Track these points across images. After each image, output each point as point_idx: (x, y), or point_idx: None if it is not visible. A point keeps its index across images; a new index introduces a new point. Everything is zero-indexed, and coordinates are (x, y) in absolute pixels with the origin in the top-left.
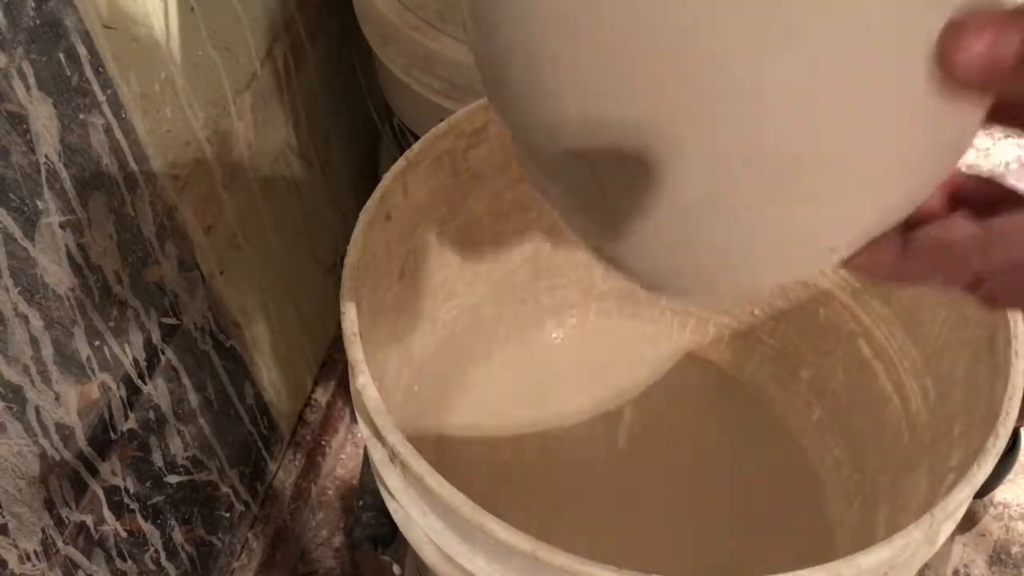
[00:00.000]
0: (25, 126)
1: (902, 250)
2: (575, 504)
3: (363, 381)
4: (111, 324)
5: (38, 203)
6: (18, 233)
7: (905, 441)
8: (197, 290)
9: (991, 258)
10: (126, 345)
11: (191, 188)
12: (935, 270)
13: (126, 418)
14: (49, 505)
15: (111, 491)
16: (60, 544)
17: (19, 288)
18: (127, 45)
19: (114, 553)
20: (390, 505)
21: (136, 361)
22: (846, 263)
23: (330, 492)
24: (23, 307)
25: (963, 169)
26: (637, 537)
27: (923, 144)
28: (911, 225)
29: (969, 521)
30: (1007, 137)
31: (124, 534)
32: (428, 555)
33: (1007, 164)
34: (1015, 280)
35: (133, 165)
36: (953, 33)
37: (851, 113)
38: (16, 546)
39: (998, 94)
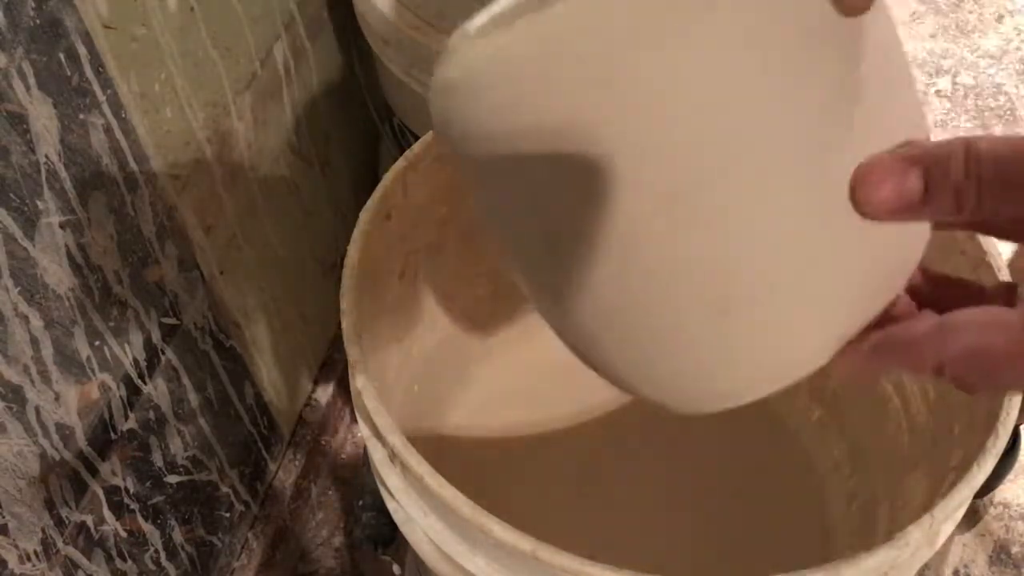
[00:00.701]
0: (25, 126)
1: (870, 349)
2: (575, 504)
3: (363, 381)
4: (111, 324)
5: (38, 203)
6: (18, 233)
7: (905, 441)
8: (197, 290)
9: (947, 348)
10: (126, 345)
11: (191, 188)
12: (900, 364)
13: (126, 418)
14: (49, 505)
15: (111, 491)
16: (60, 544)
17: (19, 288)
18: (127, 45)
19: (114, 553)
20: (390, 505)
21: (136, 361)
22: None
23: (330, 492)
24: (23, 307)
25: (923, 274)
26: (637, 537)
27: (872, 256)
28: (880, 324)
29: (969, 521)
30: None
31: (124, 534)
32: (428, 555)
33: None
34: (973, 365)
35: (133, 165)
36: (861, 182)
37: (794, 251)
38: (16, 546)
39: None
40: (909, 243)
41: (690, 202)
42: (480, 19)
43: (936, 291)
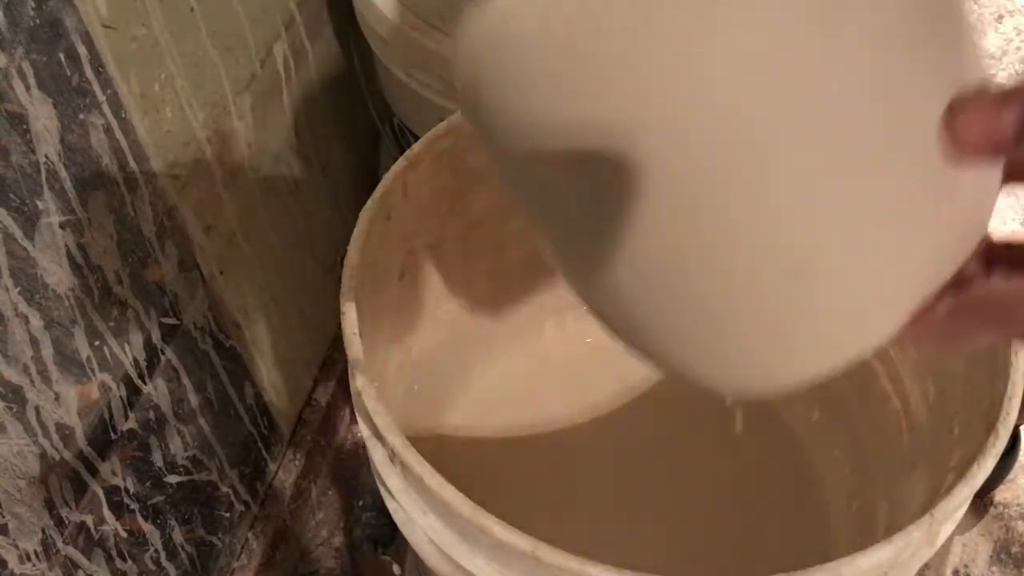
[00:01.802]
0: (25, 126)
1: (947, 313)
2: (575, 504)
3: (363, 381)
4: (111, 324)
5: (38, 203)
6: (18, 233)
7: (905, 441)
8: (197, 290)
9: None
10: (126, 345)
11: (191, 188)
12: (984, 326)
13: (126, 418)
14: (49, 505)
15: (111, 491)
16: (60, 544)
17: (19, 288)
18: (127, 45)
19: (114, 553)
20: (390, 505)
21: (136, 361)
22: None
23: (330, 492)
24: (23, 307)
25: (995, 236)
26: (637, 537)
27: (948, 210)
28: (949, 291)
29: (969, 521)
30: None
31: (124, 534)
32: (428, 555)
33: None
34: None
35: (133, 165)
36: (954, 114)
37: (879, 197)
38: (16, 546)
39: (1006, 162)
40: (983, 199)
41: (756, 159)
42: None
43: (1003, 253)
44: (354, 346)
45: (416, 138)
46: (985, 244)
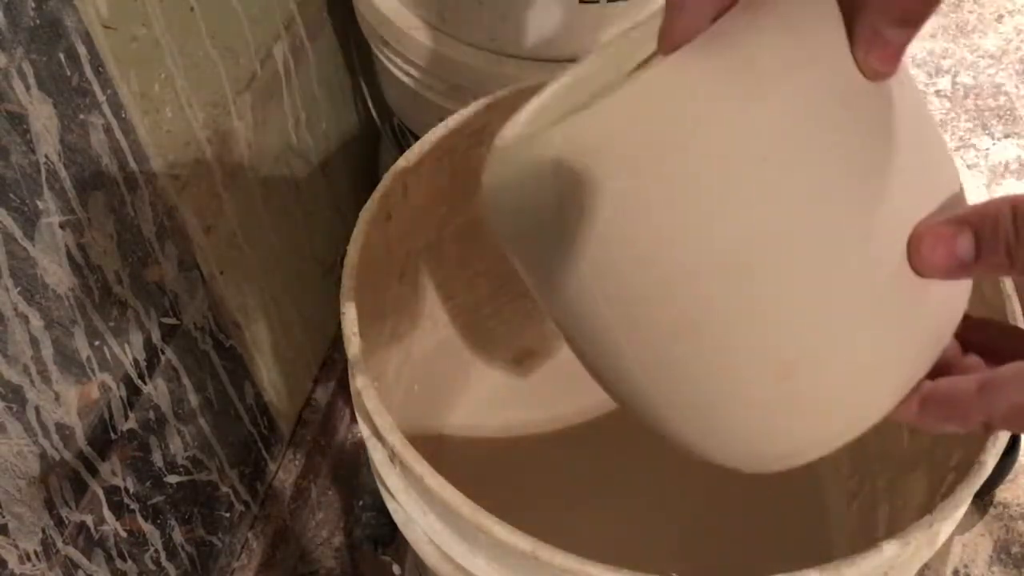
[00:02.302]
0: (25, 126)
1: (918, 410)
2: (575, 504)
3: (363, 381)
4: (111, 324)
5: (38, 203)
6: (18, 233)
7: (905, 441)
8: (197, 290)
9: (992, 407)
10: (126, 345)
11: (191, 188)
12: (947, 422)
13: (126, 418)
14: (49, 505)
15: (111, 491)
16: (60, 544)
17: (19, 288)
18: (127, 45)
19: (114, 553)
20: (390, 505)
21: (136, 361)
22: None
23: (330, 492)
24: (23, 307)
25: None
26: (636, 537)
27: (921, 314)
28: (933, 373)
29: (969, 521)
30: (1007, 137)
31: (124, 534)
32: (428, 555)
33: (1007, 164)
34: (1019, 420)
35: (133, 165)
36: (916, 246)
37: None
38: (16, 546)
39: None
40: (955, 297)
41: (746, 277)
42: (525, 120)
43: (976, 335)
44: (354, 346)
45: (416, 138)
46: (963, 324)
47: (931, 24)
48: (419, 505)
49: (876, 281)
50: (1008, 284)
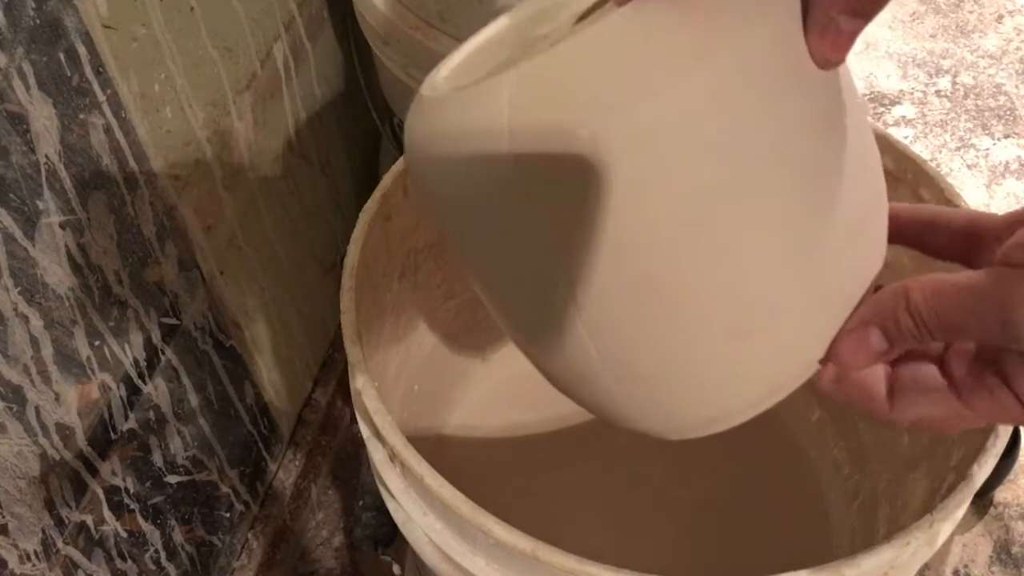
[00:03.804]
0: (25, 126)
1: (832, 385)
2: (575, 504)
3: (363, 381)
4: (111, 324)
5: (38, 203)
6: (18, 233)
7: (905, 441)
8: (197, 290)
9: (897, 415)
10: (126, 345)
11: (191, 188)
12: (860, 408)
13: (126, 418)
14: (49, 505)
15: (111, 491)
16: (60, 544)
17: (19, 288)
18: (127, 45)
19: (114, 553)
20: (390, 505)
21: (136, 361)
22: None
23: (330, 492)
24: (23, 307)
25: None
26: (636, 537)
27: (850, 273)
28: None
29: (969, 521)
30: (1007, 137)
31: (124, 534)
32: (428, 555)
33: (1007, 164)
34: (922, 428)
35: (133, 165)
36: (837, 358)
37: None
38: (16, 546)
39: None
40: (876, 253)
41: (704, 229)
42: (450, 67)
43: (911, 232)
44: (354, 346)
45: None
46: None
47: (931, 24)
48: (419, 505)
49: (820, 239)
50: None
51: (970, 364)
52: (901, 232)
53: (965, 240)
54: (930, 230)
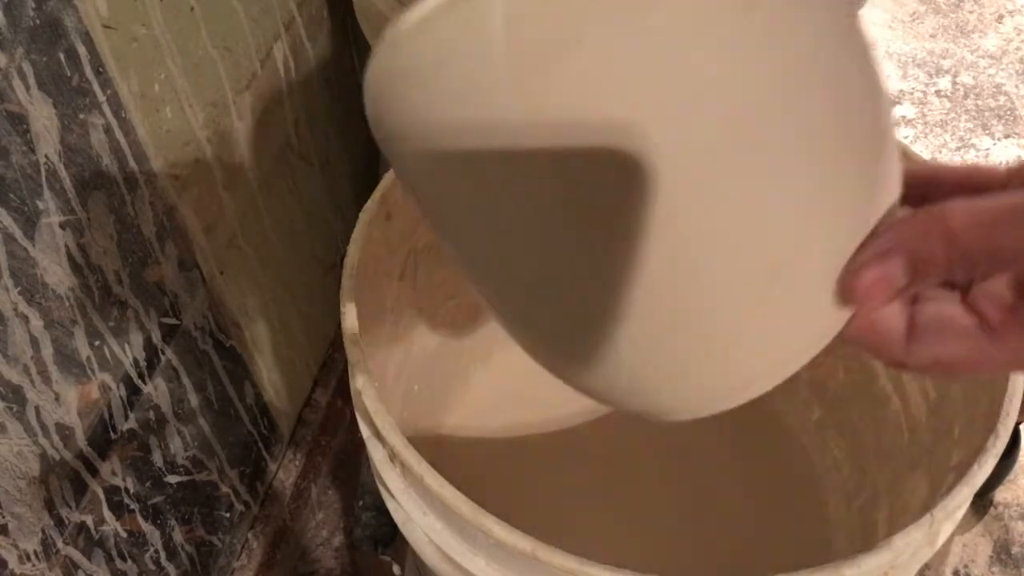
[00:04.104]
0: (25, 126)
1: (849, 333)
2: (575, 504)
3: (363, 381)
4: (111, 324)
5: (38, 203)
6: (18, 233)
7: (905, 441)
8: (197, 290)
9: (913, 355)
10: (126, 345)
11: (191, 188)
12: (872, 352)
13: (126, 418)
14: (49, 505)
15: (111, 491)
16: (60, 544)
17: (19, 288)
18: (127, 45)
19: (114, 553)
20: (390, 505)
21: (136, 361)
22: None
23: (330, 492)
24: (23, 307)
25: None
26: (636, 537)
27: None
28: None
29: (969, 521)
30: (1007, 137)
31: (124, 534)
32: (428, 555)
33: (1007, 164)
34: (938, 370)
35: (133, 165)
36: (850, 288)
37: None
38: (16, 546)
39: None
40: (894, 179)
41: (729, 159)
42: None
43: (913, 190)
44: (354, 346)
45: None
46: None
47: (931, 24)
48: (419, 505)
49: (843, 168)
50: None
51: (1002, 298)
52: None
53: (969, 193)
54: (932, 186)
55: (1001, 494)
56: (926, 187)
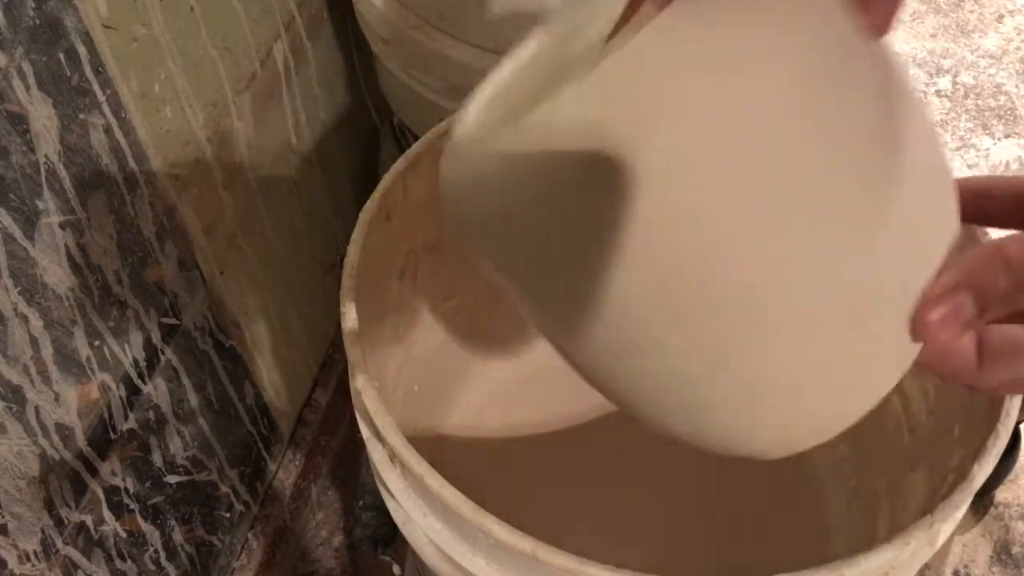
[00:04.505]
0: (25, 126)
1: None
2: (575, 504)
3: (363, 381)
4: (111, 324)
5: (38, 203)
6: (18, 233)
7: (905, 441)
8: (197, 290)
9: (985, 378)
10: (126, 345)
11: (191, 188)
12: (944, 370)
13: (126, 418)
14: (49, 505)
15: (111, 491)
16: (60, 544)
17: (19, 288)
18: (127, 45)
19: (114, 553)
20: (390, 505)
21: (136, 361)
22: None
23: (330, 492)
24: (23, 307)
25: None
26: (637, 537)
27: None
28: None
29: (969, 521)
30: (1008, 137)
31: (124, 534)
32: (428, 555)
33: (1007, 164)
34: (1008, 390)
35: (133, 165)
36: (923, 327)
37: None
38: (16, 546)
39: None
40: (951, 218)
41: (786, 233)
42: (479, 107)
43: (965, 203)
44: (354, 346)
45: (416, 138)
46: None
47: (931, 24)
48: (419, 505)
49: (892, 216)
50: None
51: None
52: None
53: (1022, 206)
54: (985, 198)
55: (1001, 494)
56: (979, 200)
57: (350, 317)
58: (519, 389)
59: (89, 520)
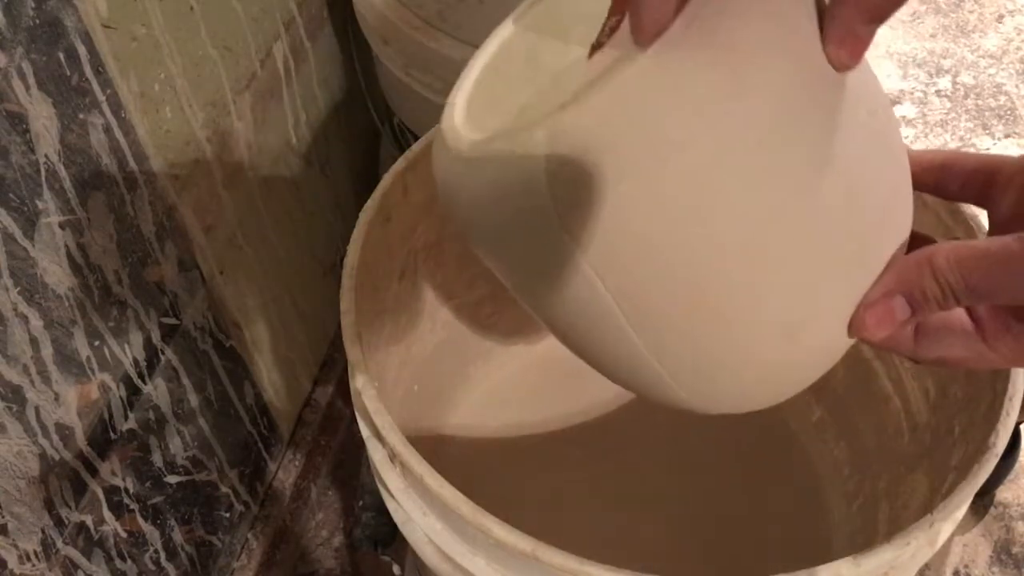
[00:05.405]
0: (25, 126)
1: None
2: (575, 504)
3: (363, 381)
4: (111, 324)
5: (38, 203)
6: (18, 233)
7: (905, 441)
8: (197, 290)
9: (921, 352)
10: (126, 345)
11: (191, 188)
12: (884, 344)
13: (126, 418)
14: (49, 505)
15: (111, 491)
16: (60, 544)
17: (19, 288)
18: (127, 45)
19: (114, 553)
20: (390, 505)
21: (136, 361)
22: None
23: (330, 492)
24: (23, 307)
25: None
26: (636, 537)
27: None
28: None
29: (969, 521)
30: (1008, 137)
31: (124, 534)
32: (428, 555)
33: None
34: (943, 366)
35: (133, 165)
36: (861, 327)
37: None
38: (16, 546)
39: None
40: (904, 222)
41: (750, 254)
42: (465, 95)
43: (927, 177)
44: (354, 346)
45: (416, 138)
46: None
47: (931, 24)
48: (419, 505)
49: (855, 233)
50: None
51: (994, 310)
52: (917, 178)
53: (980, 182)
54: (945, 173)
55: (1001, 494)
56: (940, 175)
57: (350, 317)
58: (519, 389)
59: (89, 520)
